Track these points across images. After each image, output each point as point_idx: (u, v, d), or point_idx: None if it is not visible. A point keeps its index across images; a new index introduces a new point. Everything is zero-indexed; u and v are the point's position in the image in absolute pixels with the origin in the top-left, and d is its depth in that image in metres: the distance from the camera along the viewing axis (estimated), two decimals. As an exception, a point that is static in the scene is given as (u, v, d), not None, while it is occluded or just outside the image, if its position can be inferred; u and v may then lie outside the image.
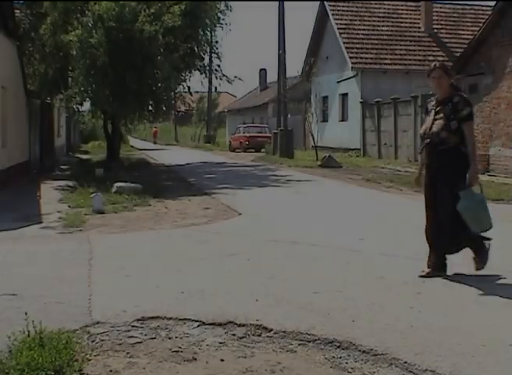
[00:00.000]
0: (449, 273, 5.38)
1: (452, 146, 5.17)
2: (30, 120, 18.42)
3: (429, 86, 5.82)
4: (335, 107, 28.63)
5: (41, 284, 5.19)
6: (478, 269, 5.36)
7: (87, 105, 20.05)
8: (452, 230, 5.30)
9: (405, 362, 3.46)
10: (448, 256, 5.44)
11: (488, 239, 5.48)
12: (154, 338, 3.91)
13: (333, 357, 3.61)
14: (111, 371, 3.38)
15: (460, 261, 5.98)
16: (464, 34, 27.32)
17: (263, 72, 48.47)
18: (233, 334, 3.99)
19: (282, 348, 3.77)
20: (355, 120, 26.24)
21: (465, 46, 18.66)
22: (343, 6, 28.41)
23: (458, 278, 5.36)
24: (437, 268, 5.37)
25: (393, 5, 29.05)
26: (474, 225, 5.17)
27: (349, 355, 3.63)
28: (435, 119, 5.30)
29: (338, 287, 5.05)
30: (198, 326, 4.13)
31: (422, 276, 5.32)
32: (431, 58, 26.67)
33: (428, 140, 5.30)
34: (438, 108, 5.34)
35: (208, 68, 22.95)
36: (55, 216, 9.42)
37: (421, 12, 28.32)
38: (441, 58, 26.50)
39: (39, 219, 9.24)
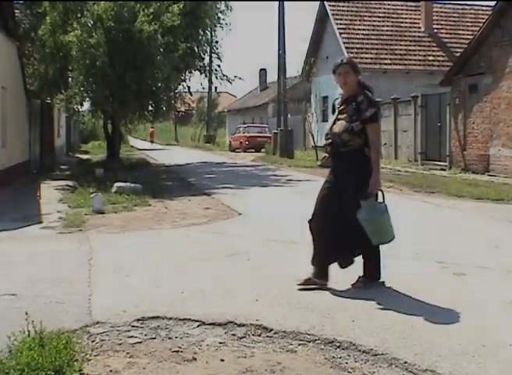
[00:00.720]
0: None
1: (355, 148, 4.79)
2: (30, 120, 18.43)
3: (429, 86, 5.75)
4: (335, 107, 28.61)
5: (41, 284, 5.18)
6: (357, 284, 5.00)
7: (87, 105, 20.10)
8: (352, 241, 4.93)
9: (405, 362, 3.46)
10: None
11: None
12: (154, 338, 3.91)
13: (333, 357, 3.61)
14: (111, 371, 3.38)
15: (461, 262, 5.98)
16: (464, 34, 27.35)
17: (263, 72, 48.50)
18: (233, 334, 3.99)
19: (282, 348, 3.77)
20: (355, 120, 26.21)
21: (465, 46, 18.66)
22: (343, 6, 28.43)
23: (458, 278, 5.36)
24: (319, 276, 4.97)
25: (393, 5, 29.07)
26: (375, 237, 4.79)
27: (349, 355, 3.63)
28: (337, 119, 4.93)
29: (338, 286, 5.05)
30: (198, 326, 4.13)
31: (301, 284, 4.95)
32: (431, 58, 26.74)
33: (330, 140, 4.92)
34: (342, 107, 4.96)
35: (208, 68, 22.98)
36: (55, 216, 9.42)
37: (421, 12, 28.33)
38: (441, 59, 26.59)
39: (39, 219, 9.24)
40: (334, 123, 4.93)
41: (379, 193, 4.85)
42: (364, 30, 27.48)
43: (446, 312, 4.37)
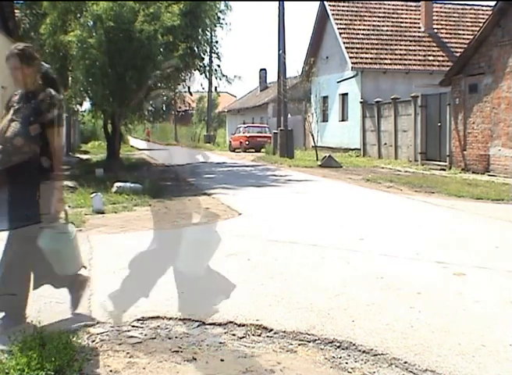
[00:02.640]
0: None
1: (32, 157, 3.92)
2: (30, 120, 18.40)
3: (429, 86, 5.66)
4: (335, 107, 28.65)
5: (41, 284, 5.18)
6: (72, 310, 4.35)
7: (87, 105, 20.10)
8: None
9: (405, 362, 3.46)
10: None
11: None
12: (154, 338, 3.91)
13: (333, 357, 3.61)
14: (111, 371, 3.38)
15: (461, 262, 5.97)
16: (464, 34, 27.38)
17: (263, 72, 48.53)
18: (233, 334, 3.99)
19: (282, 348, 3.77)
20: (355, 120, 26.26)
21: (465, 46, 18.67)
22: (343, 6, 28.46)
23: (458, 277, 5.36)
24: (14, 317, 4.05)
25: (393, 5, 29.10)
26: (60, 265, 4.03)
27: (349, 355, 3.63)
28: (12, 120, 4.02)
29: (338, 287, 5.05)
30: (198, 326, 4.13)
31: None
32: (431, 58, 26.76)
33: (0, 146, 3.97)
34: (18, 106, 4.07)
35: (207, 68, 22.96)
36: (55, 216, 9.41)
37: (421, 12, 28.35)
38: (441, 58, 26.61)
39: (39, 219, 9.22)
40: (8, 125, 4.02)
41: (63, 213, 4.12)
42: (364, 30, 27.50)
43: (446, 312, 4.37)
